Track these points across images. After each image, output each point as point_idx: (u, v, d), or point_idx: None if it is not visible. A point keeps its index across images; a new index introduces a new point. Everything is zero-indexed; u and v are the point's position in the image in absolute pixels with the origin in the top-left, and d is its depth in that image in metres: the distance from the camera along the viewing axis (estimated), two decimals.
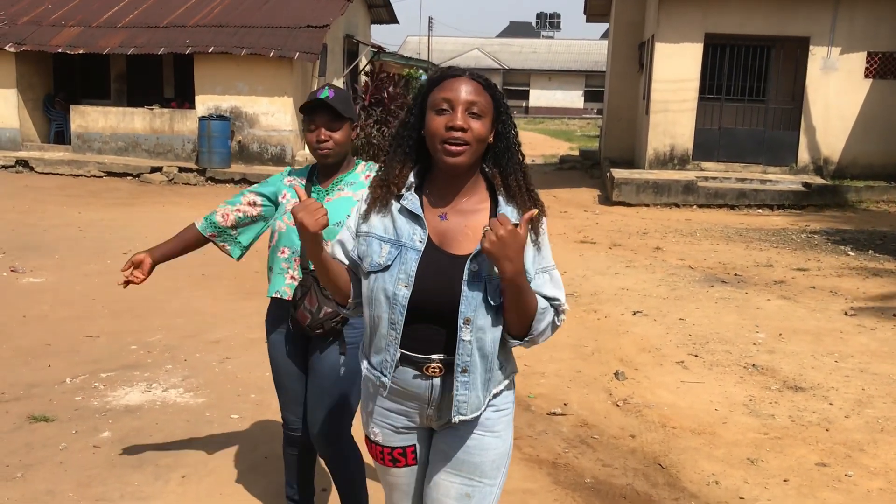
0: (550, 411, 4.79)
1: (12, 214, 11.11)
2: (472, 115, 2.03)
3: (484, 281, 2.04)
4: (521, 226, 1.94)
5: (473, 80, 2.07)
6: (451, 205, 2.12)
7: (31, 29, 16.93)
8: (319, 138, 2.92)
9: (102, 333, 6.02)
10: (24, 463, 3.93)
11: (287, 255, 3.00)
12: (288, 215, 3.00)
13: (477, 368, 2.09)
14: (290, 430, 3.24)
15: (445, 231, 2.10)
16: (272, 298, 3.10)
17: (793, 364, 5.68)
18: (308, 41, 15.79)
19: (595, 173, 18.01)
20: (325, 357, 3.00)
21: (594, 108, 46.49)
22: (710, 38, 14.61)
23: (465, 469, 2.18)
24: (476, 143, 2.04)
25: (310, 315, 2.90)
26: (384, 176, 2.17)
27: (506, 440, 2.23)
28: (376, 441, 2.28)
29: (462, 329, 2.05)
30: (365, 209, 2.18)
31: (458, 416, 2.11)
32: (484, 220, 2.08)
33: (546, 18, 68.02)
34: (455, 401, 2.10)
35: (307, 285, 2.93)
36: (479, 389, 2.12)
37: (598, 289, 7.70)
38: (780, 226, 11.70)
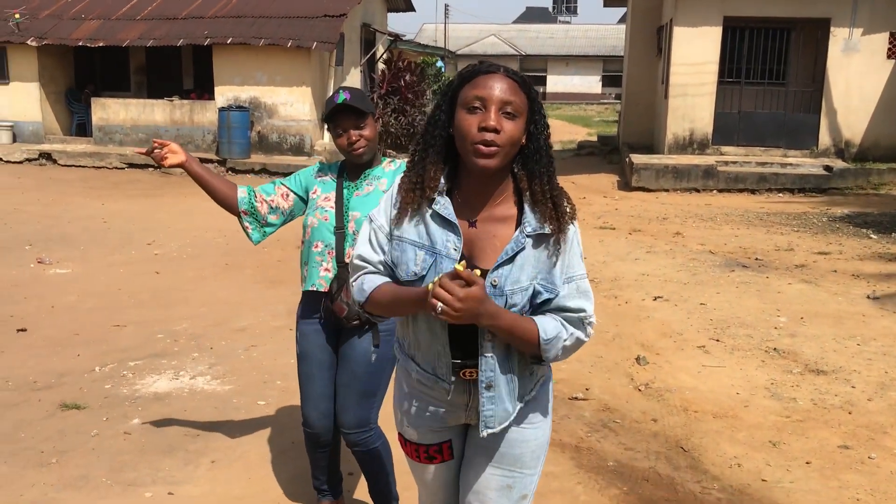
0: (572, 396, 4.83)
1: (37, 207, 11.26)
2: (505, 115, 1.92)
3: (505, 296, 1.99)
4: (474, 281, 1.83)
5: (509, 77, 1.96)
6: (480, 210, 2.04)
7: (51, 23, 17.09)
8: (350, 140, 2.98)
9: (129, 323, 6.12)
10: (57, 449, 4.03)
11: (320, 248, 3.05)
12: (320, 210, 3.06)
13: (501, 381, 2.06)
14: (311, 430, 3.22)
15: (474, 240, 2.03)
16: (306, 291, 3.13)
17: (814, 348, 5.69)
18: (326, 31, 15.83)
19: (613, 159, 17.96)
20: (357, 345, 3.05)
21: (612, 94, 46.22)
22: (728, 21, 14.50)
23: (505, 461, 2.17)
24: (509, 146, 1.94)
25: (346, 307, 2.97)
26: (416, 179, 2.05)
27: (545, 430, 2.23)
28: (411, 439, 2.25)
29: (483, 345, 2.02)
30: (396, 213, 2.08)
31: (486, 430, 2.10)
32: (510, 231, 2.02)
33: (563, 3, 67.49)
34: (482, 416, 2.09)
35: (343, 278, 2.98)
36: (507, 401, 2.09)
37: (619, 274, 7.71)
38: (801, 209, 11.63)
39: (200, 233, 9.53)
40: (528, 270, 2.00)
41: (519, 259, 1.99)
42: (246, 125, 15.56)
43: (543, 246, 2.01)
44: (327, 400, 3.17)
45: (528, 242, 2.00)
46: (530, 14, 70.30)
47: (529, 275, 2.00)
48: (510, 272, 1.98)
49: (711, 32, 14.52)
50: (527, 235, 1.99)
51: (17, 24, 16.73)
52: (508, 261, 1.99)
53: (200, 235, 9.40)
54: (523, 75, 2.02)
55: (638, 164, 13.70)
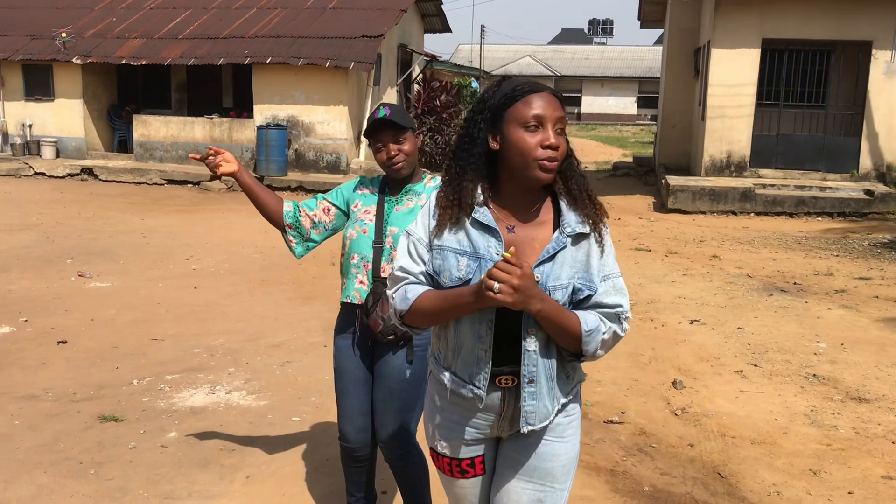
0: (608, 419, 4.78)
1: (79, 221, 11.47)
2: (559, 132, 2.06)
3: (547, 291, 2.05)
4: (521, 261, 1.93)
5: (553, 95, 2.08)
6: (518, 217, 2.13)
7: (96, 42, 17.49)
8: (390, 155, 3.00)
9: (167, 337, 6.19)
10: (96, 460, 4.07)
11: (356, 260, 3.07)
12: (359, 223, 3.08)
13: (542, 378, 2.11)
14: (348, 444, 3.22)
15: (514, 244, 2.09)
16: (343, 304, 3.16)
17: (856, 374, 5.58)
18: (363, 51, 15.99)
19: (649, 180, 17.86)
20: (392, 360, 3.06)
21: (647, 115, 46.05)
22: (767, 43, 14.40)
23: (536, 475, 2.20)
24: (563, 160, 2.10)
25: (382, 322, 2.97)
26: (453, 196, 2.12)
27: (575, 445, 2.26)
28: (444, 454, 2.28)
29: (526, 339, 2.08)
30: (436, 226, 2.14)
31: (526, 426, 2.13)
32: (548, 231, 2.11)
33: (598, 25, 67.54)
34: (523, 412, 2.12)
35: (379, 292, 2.99)
36: (546, 399, 2.13)
37: (655, 297, 7.65)
38: (840, 234, 11.46)
39: (237, 248, 9.64)
40: (567, 269, 2.08)
41: (559, 257, 2.08)
42: (283, 143, 15.74)
43: (580, 245, 2.11)
44: (364, 415, 3.18)
45: (568, 241, 2.09)
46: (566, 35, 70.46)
47: (568, 273, 2.08)
48: (551, 269, 2.07)
49: (750, 54, 14.42)
50: (567, 235, 2.09)
51: (63, 42, 17.14)
52: (549, 259, 2.08)
53: (237, 251, 9.50)
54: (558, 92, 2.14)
55: (674, 186, 13.61)
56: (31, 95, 17.72)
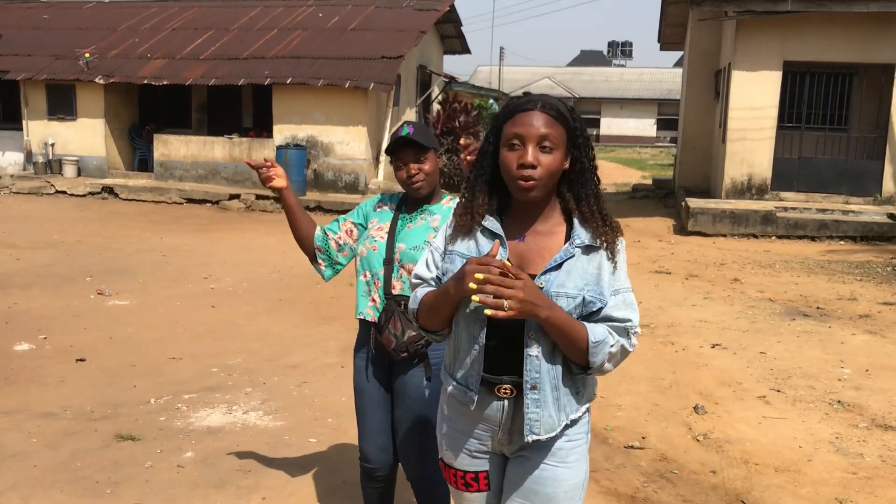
0: (628, 444, 4.71)
1: (98, 239, 11.54)
2: (542, 149, 2.05)
3: (551, 298, 2.05)
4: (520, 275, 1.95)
5: (545, 112, 2.07)
6: (528, 228, 2.16)
7: (119, 62, 17.70)
8: (409, 173, 3.00)
9: (185, 356, 6.18)
10: (112, 480, 4.05)
11: (368, 278, 3.06)
12: (370, 240, 3.07)
13: (546, 386, 2.10)
14: (369, 464, 3.19)
15: (524, 252, 2.14)
16: (359, 320, 3.14)
17: (881, 401, 5.48)
18: (383, 72, 16.08)
19: (669, 202, 17.77)
20: (409, 379, 3.03)
21: (667, 137, 45.95)
22: (788, 65, 14.33)
23: (538, 501, 2.17)
24: (547, 178, 2.07)
25: (395, 339, 2.95)
26: (468, 204, 2.21)
27: (579, 472, 2.21)
28: (450, 464, 2.31)
29: (529, 345, 2.08)
30: (451, 233, 2.23)
31: (531, 434, 2.11)
32: (559, 243, 2.13)
33: (618, 47, 67.70)
34: (527, 419, 2.11)
35: (391, 310, 2.97)
36: (552, 409, 2.11)
37: (675, 320, 7.57)
38: (864, 258, 11.32)
39: (255, 268, 9.65)
40: (575, 279, 2.08)
41: (566, 266, 2.09)
42: (303, 163, 15.81)
43: (591, 258, 2.11)
44: (384, 434, 3.16)
45: (577, 252, 2.10)
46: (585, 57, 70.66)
47: (576, 284, 2.08)
48: (556, 277, 2.08)
49: (771, 76, 14.36)
50: (576, 246, 2.10)
51: (86, 62, 17.36)
52: (556, 267, 2.09)
53: (255, 271, 9.51)
54: (560, 106, 2.12)
55: (694, 209, 13.53)
56: (53, 115, 17.93)
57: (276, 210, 15.53)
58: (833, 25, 14.01)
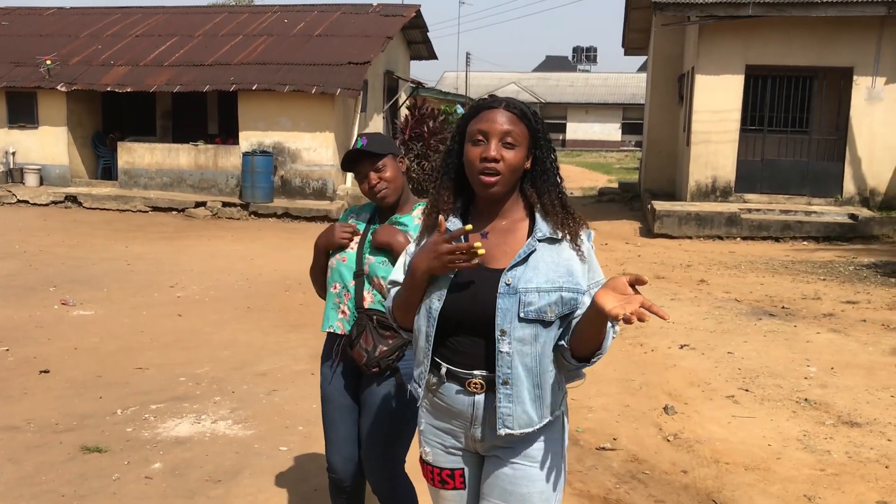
0: (600, 446, 4.73)
1: (62, 249, 11.36)
2: (505, 145, 2.10)
3: (518, 294, 2.08)
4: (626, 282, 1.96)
5: (508, 110, 2.13)
6: (491, 224, 2.19)
7: (81, 69, 17.44)
8: (371, 184, 2.96)
9: (151, 365, 6.10)
10: (78, 493, 3.97)
11: (338, 289, 3.02)
12: (340, 252, 3.03)
13: (521, 382, 2.10)
14: (336, 475, 3.14)
15: (487, 248, 2.14)
16: (328, 333, 3.10)
17: (847, 399, 5.56)
18: (349, 77, 16.03)
19: (635, 205, 17.92)
20: (377, 391, 2.99)
21: (632, 141, 46.34)
22: (750, 69, 14.54)
23: (513, 500, 2.17)
24: (509, 173, 2.11)
25: (366, 354, 2.91)
26: (433, 203, 2.26)
27: (557, 472, 2.21)
28: (427, 461, 2.32)
29: (500, 341, 2.09)
30: (418, 235, 2.29)
31: (503, 428, 2.12)
32: (522, 237, 2.16)
33: (582, 52, 68.14)
34: (499, 412, 2.11)
35: (362, 324, 2.94)
36: (528, 405, 2.12)
37: (643, 322, 7.60)
38: (826, 258, 11.50)
39: (223, 276, 9.55)
40: (546, 272, 2.10)
41: (532, 260, 2.11)
42: (269, 170, 15.69)
43: (558, 250, 2.14)
44: (351, 444, 3.10)
45: (541, 246, 2.12)
46: (550, 63, 71.02)
47: (548, 277, 2.09)
48: (523, 272, 2.09)
49: (734, 80, 14.55)
50: (538, 240, 2.12)
51: (47, 70, 17.09)
52: (521, 262, 2.10)
53: (223, 278, 9.41)
54: (523, 106, 2.17)
55: (660, 211, 13.65)
56: (14, 123, 17.60)
57: (242, 217, 15.40)
58: (793, 30, 14.24)
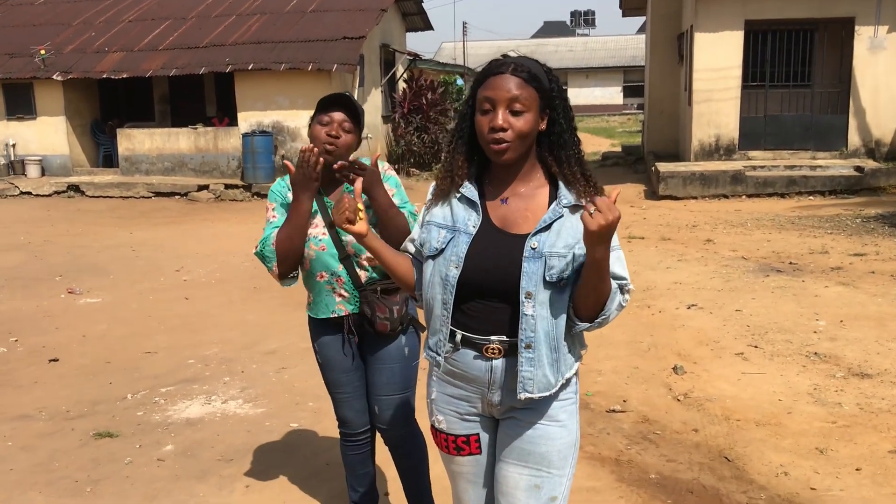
0: (610, 408, 4.72)
1: (67, 238, 11.37)
2: (513, 112, 2.05)
3: (544, 257, 2.06)
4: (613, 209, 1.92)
5: (515, 74, 2.07)
6: (510, 189, 2.16)
7: (76, 57, 17.35)
8: (331, 133, 2.84)
9: (160, 349, 6.11)
10: (92, 478, 4.00)
11: (326, 277, 2.98)
12: (314, 240, 2.94)
13: (542, 345, 2.09)
14: (349, 429, 3.20)
15: (506, 214, 2.14)
16: (327, 318, 3.05)
17: (857, 351, 5.53)
18: (345, 53, 15.90)
19: (639, 168, 17.82)
20: (388, 346, 3.03)
21: (634, 104, 46.03)
22: (750, 24, 14.37)
23: (532, 460, 2.17)
24: (518, 140, 2.07)
25: (388, 322, 2.94)
26: (448, 168, 2.22)
27: (571, 430, 2.22)
28: (441, 429, 2.30)
29: (524, 304, 2.07)
30: (430, 200, 2.26)
31: (524, 392, 2.10)
32: (543, 203, 2.14)
33: (580, 16, 67.42)
34: (520, 377, 2.10)
35: (371, 300, 2.95)
36: (547, 368, 2.11)
37: (651, 284, 7.59)
38: (833, 212, 11.43)
39: (227, 257, 9.55)
40: (565, 238, 2.08)
41: (556, 226, 2.09)
42: (270, 150, 15.64)
43: (577, 217, 2.08)
44: (360, 398, 3.16)
45: (566, 212, 2.10)
46: (548, 28, 70.41)
47: (566, 242, 2.07)
48: (547, 237, 2.08)
49: (733, 37, 14.39)
50: (564, 206, 2.10)
51: (42, 60, 17.01)
52: (546, 228, 2.09)
53: (227, 260, 9.41)
54: (533, 67, 2.11)
55: (664, 173, 13.57)
56: (12, 114, 17.55)
57: (245, 199, 15.38)
58: None
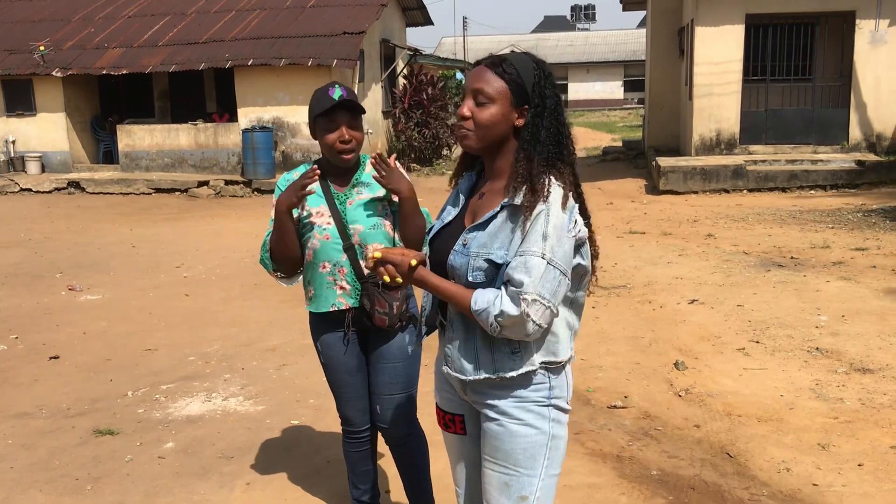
0: (611, 404, 4.71)
1: (67, 235, 11.36)
2: (479, 102, 2.09)
3: (470, 256, 2.10)
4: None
5: (489, 67, 2.10)
6: (487, 184, 2.21)
7: (75, 53, 17.32)
8: (343, 138, 2.86)
9: (160, 346, 6.10)
10: (92, 476, 3.99)
11: (329, 268, 2.96)
12: (318, 230, 2.94)
13: (459, 330, 2.17)
14: (353, 427, 3.21)
15: (476, 208, 2.20)
16: (326, 313, 3.03)
17: (858, 346, 5.52)
18: (345, 48, 15.87)
19: (639, 163, 17.79)
20: (390, 343, 3.03)
21: (634, 98, 45.93)
22: (751, 18, 14.32)
23: (499, 456, 2.18)
24: (480, 130, 2.09)
25: (387, 316, 2.93)
26: (460, 160, 2.35)
27: (541, 430, 2.14)
28: (437, 403, 2.40)
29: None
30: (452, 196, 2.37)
31: (444, 366, 2.24)
32: (499, 200, 2.16)
33: (581, 11, 67.37)
34: (444, 351, 2.24)
35: (371, 292, 2.93)
36: (461, 352, 2.16)
37: (651, 279, 7.58)
38: (834, 206, 11.41)
39: (228, 254, 9.54)
40: (501, 239, 2.07)
41: (491, 226, 2.10)
42: (270, 145, 15.62)
43: (516, 217, 2.06)
44: (363, 398, 3.18)
45: (503, 213, 2.09)
46: (548, 23, 70.32)
47: (501, 244, 2.06)
48: (479, 237, 2.10)
49: (734, 31, 14.35)
50: (503, 206, 2.09)
51: (42, 56, 16.98)
52: (482, 225, 2.11)
53: (228, 256, 9.40)
54: (513, 61, 2.11)
55: (665, 167, 13.54)
56: (12, 111, 17.53)
57: (245, 195, 15.37)
58: None
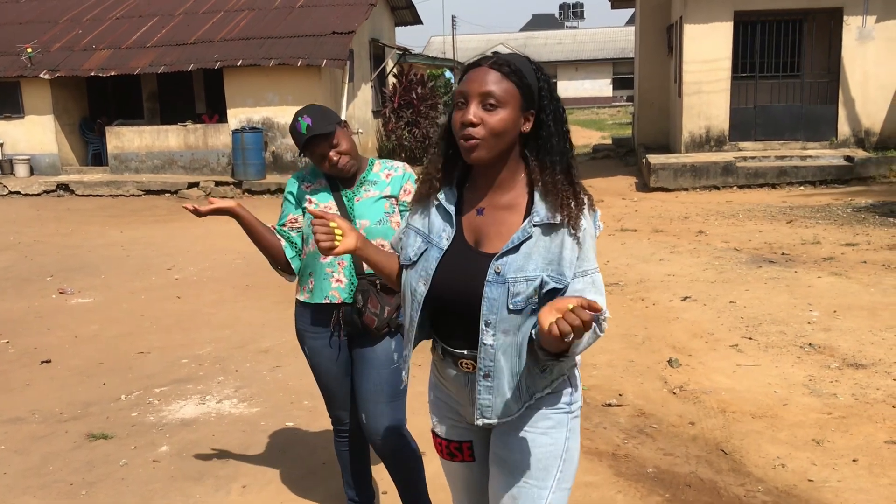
0: (605, 402, 4.72)
1: (57, 238, 11.30)
2: (486, 107, 1.91)
3: (507, 284, 1.92)
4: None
5: (494, 68, 1.92)
6: (487, 198, 2.02)
7: (63, 55, 17.22)
8: (332, 161, 2.93)
9: (153, 349, 6.08)
10: (87, 481, 3.97)
11: (329, 259, 2.98)
12: None
13: (503, 374, 1.98)
14: (342, 427, 3.25)
15: (480, 227, 2.01)
16: (316, 304, 3.04)
17: (851, 341, 5.55)
18: (335, 48, 15.84)
19: (630, 160, 17.83)
20: (375, 349, 3.01)
21: (623, 96, 46.04)
22: (739, 15, 14.37)
23: (511, 467, 2.07)
24: (492, 137, 1.91)
25: (376, 318, 2.93)
26: (429, 171, 2.10)
27: (557, 440, 2.06)
28: (438, 433, 2.25)
29: (483, 332, 1.95)
30: (412, 203, 2.17)
31: (480, 419, 2.03)
32: (519, 218, 1.98)
33: (569, 9, 67.47)
34: (477, 404, 2.02)
35: (367, 290, 2.93)
36: (509, 394, 1.99)
37: (644, 276, 7.60)
38: (824, 202, 11.46)
39: (219, 255, 9.51)
40: (536, 260, 1.93)
41: (524, 248, 1.94)
42: (260, 146, 15.57)
43: (553, 236, 1.94)
44: (350, 402, 3.20)
45: (536, 232, 1.94)
46: (537, 21, 70.36)
47: (537, 265, 1.93)
48: (514, 260, 1.93)
49: (723, 28, 14.39)
50: (534, 225, 1.94)
51: (29, 58, 16.87)
52: (513, 249, 1.94)
53: (219, 258, 9.37)
54: (515, 62, 1.95)
55: (655, 165, 13.58)
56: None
57: (235, 196, 15.31)
58: None
